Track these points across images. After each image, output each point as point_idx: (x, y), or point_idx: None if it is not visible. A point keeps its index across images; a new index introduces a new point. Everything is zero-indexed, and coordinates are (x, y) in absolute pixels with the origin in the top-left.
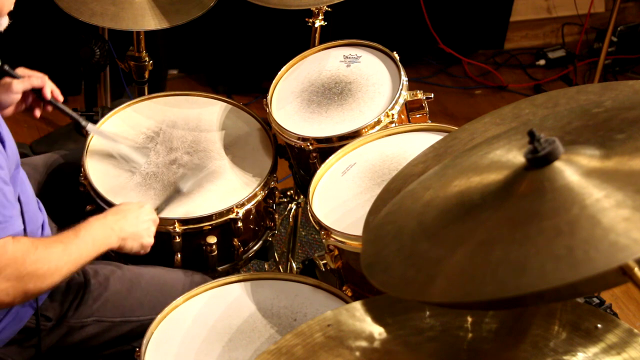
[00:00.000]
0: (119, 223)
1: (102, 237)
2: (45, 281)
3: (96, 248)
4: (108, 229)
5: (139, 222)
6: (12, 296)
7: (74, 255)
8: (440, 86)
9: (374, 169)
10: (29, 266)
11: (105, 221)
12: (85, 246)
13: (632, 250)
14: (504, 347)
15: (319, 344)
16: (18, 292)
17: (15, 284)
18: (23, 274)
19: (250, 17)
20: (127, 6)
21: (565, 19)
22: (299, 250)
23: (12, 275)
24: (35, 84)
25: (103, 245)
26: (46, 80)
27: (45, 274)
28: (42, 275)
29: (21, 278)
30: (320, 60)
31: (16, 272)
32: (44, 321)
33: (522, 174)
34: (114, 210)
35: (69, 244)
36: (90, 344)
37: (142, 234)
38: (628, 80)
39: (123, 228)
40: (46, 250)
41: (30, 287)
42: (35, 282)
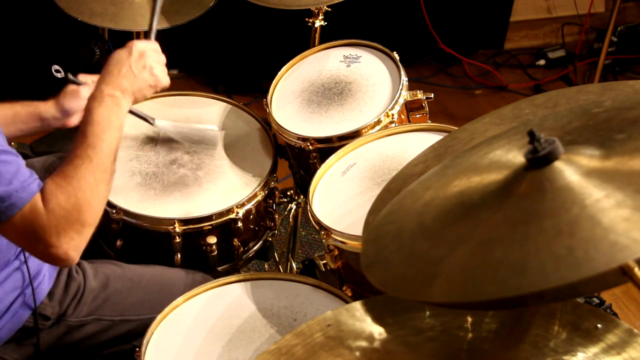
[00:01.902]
0: (116, 84)
1: (110, 114)
2: (91, 203)
3: (112, 128)
4: (109, 101)
5: (135, 70)
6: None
7: (96, 158)
8: (440, 86)
9: (374, 169)
10: (67, 206)
11: (102, 95)
12: (100, 138)
13: (632, 250)
14: (504, 347)
15: (319, 344)
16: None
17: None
18: (69, 216)
19: (250, 17)
20: (126, 6)
21: (565, 19)
22: (299, 250)
23: (62, 224)
24: None
25: (117, 119)
26: None
27: (87, 199)
28: (86, 202)
29: (70, 219)
30: (320, 60)
31: (63, 218)
32: (42, 320)
33: (522, 174)
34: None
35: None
36: (89, 342)
37: (145, 79)
38: (628, 80)
39: (123, 87)
40: (71, 179)
41: (85, 217)
42: (84, 210)
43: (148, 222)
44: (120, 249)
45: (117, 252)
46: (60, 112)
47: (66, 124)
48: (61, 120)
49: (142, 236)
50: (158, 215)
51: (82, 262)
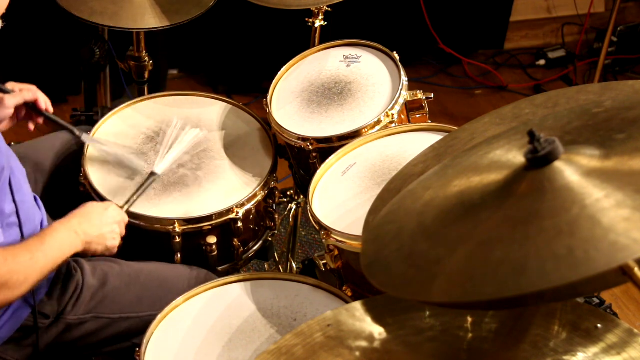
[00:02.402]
0: (83, 226)
1: (67, 242)
2: (14, 292)
3: (62, 253)
4: (72, 233)
5: (102, 225)
6: None
7: (41, 262)
8: (440, 86)
9: (374, 169)
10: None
11: (70, 225)
12: (52, 252)
13: (632, 250)
14: (504, 347)
15: (319, 344)
16: None
17: None
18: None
19: (250, 17)
20: (126, 5)
21: (565, 19)
22: (299, 250)
23: None
24: (28, 98)
25: (68, 250)
26: (38, 93)
27: (15, 285)
28: (12, 286)
29: None
30: (320, 60)
31: None
32: (41, 319)
33: (522, 174)
34: (78, 212)
35: (36, 252)
36: (89, 340)
37: (106, 237)
38: (628, 80)
39: (87, 232)
40: (15, 261)
41: (1, 298)
42: (5, 293)
43: (148, 222)
44: (120, 249)
45: (117, 251)
46: None
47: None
48: None
49: (142, 236)
50: (158, 215)
51: (80, 260)
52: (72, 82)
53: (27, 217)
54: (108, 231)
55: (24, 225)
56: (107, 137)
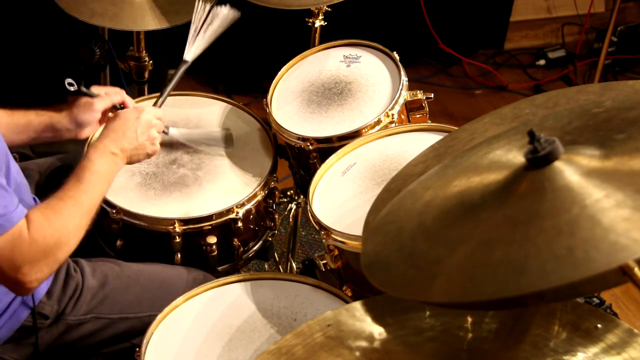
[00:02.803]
0: (119, 143)
1: (108, 168)
2: (70, 243)
3: (105, 181)
4: (110, 157)
5: (139, 135)
6: (48, 271)
7: (86, 204)
8: (440, 86)
9: (374, 169)
10: (50, 240)
11: (105, 148)
12: (94, 187)
13: (632, 250)
14: (504, 347)
15: (319, 344)
16: (51, 264)
17: (46, 261)
18: (48, 250)
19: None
20: (127, 6)
21: (565, 19)
22: (299, 250)
23: (40, 256)
24: (116, 101)
25: (112, 175)
26: (125, 95)
27: (69, 238)
28: (66, 241)
29: (48, 253)
30: (320, 60)
31: (42, 251)
32: (41, 319)
33: (522, 174)
34: (112, 128)
35: (78, 195)
36: (88, 341)
37: (145, 145)
38: (628, 80)
39: (124, 148)
40: (60, 217)
41: (60, 255)
42: (62, 248)
43: (148, 222)
44: (120, 249)
45: (117, 252)
46: (73, 124)
47: (78, 135)
48: (73, 132)
49: (142, 236)
50: (158, 215)
51: (80, 261)
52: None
53: None
54: (145, 139)
55: None
56: None
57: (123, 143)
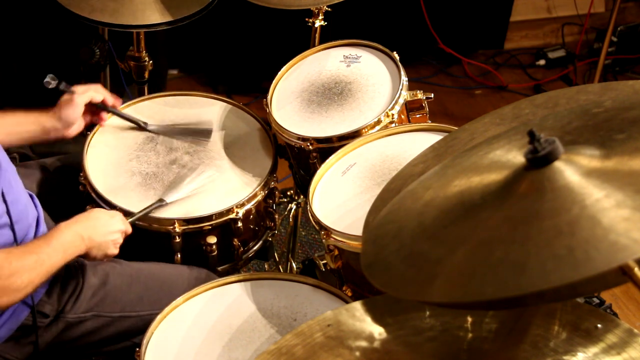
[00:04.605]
0: (88, 231)
1: (72, 246)
2: (18, 294)
3: (66, 256)
4: (78, 237)
5: (107, 233)
6: None
7: (46, 265)
8: (440, 86)
9: (374, 169)
10: (3, 281)
11: (76, 228)
12: (56, 255)
13: (632, 250)
14: (504, 347)
15: (319, 344)
16: None
17: None
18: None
19: (250, 17)
20: (126, 2)
21: (565, 19)
22: (299, 250)
23: None
24: (95, 96)
25: (72, 253)
26: (103, 91)
27: (19, 287)
28: (16, 289)
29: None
30: (320, 60)
31: None
32: (41, 318)
33: (522, 174)
34: (84, 217)
35: (41, 253)
36: (89, 339)
37: (108, 245)
38: (628, 80)
39: (91, 237)
40: (20, 263)
41: (4, 300)
42: (9, 295)
43: (148, 222)
44: (121, 249)
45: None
46: (59, 122)
47: (65, 134)
48: (60, 130)
49: (142, 236)
50: (158, 215)
51: (80, 259)
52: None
53: (19, 216)
54: (111, 240)
55: (16, 224)
56: (107, 137)
57: (92, 233)
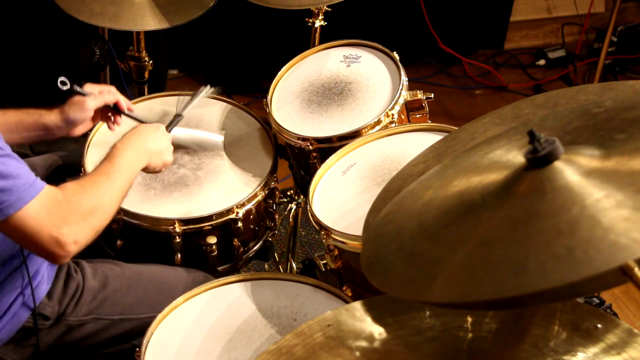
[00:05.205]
0: (144, 143)
1: (134, 159)
2: (106, 212)
3: (132, 170)
4: (136, 150)
5: (158, 141)
6: (85, 236)
7: (119, 181)
8: (440, 86)
9: (374, 169)
10: (86, 204)
11: (130, 143)
12: (125, 171)
13: (632, 250)
14: (504, 347)
15: (319, 344)
16: (89, 230)
17: (84, 225)
18: (84, 213)
19: (250, 17)
20: (126, 6)
21: (565, 19)
22: (299, 250)
23: (78, 219)
24: (108, 100)
25: (137, 166)
26: (117, 94)
27: (104, 206)
28: (102, 209)
29: (85, 218)
30: (320, 60)
31: (79, 215)
32: (42, 320)
33: (522, 174)
34: (134, 132)
35: (111, 173)
36: (89, 342)
37: (163, 152)
38: (628, 80)
39: (147, 147)
40: (94, 187)
41: (96, 223)
42: (99, 216)
43: (148, 222)
44: (121, 249)
45: (118, 252)
46: (65, 122)
47: (70, 133)
48: (65, 130)
49: (142, 236)
50: (158, 215)
51: (81, 262)
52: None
53: None
54: (164, 146)
55: None
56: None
57: (147, 144)
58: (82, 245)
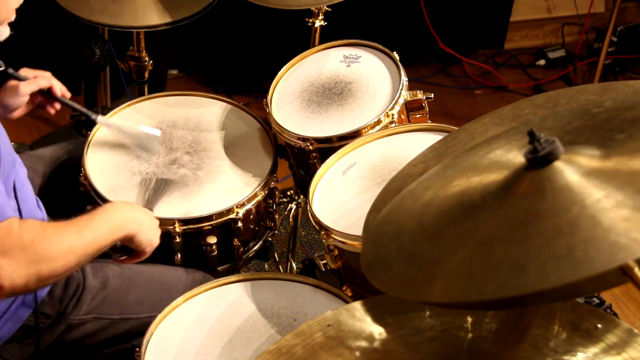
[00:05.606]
0: (135, 213)
1: (119, 223)
2: (57, 262)
3: (112, 233)
4: (125, 215)
5: (151, 219)
6: (25, 279)
7: (88, 238)
8: (440, 86)
9: (374, 169)
10: (37, 246)
11: (121, 207)
12: (101, 230)
13: (632, 250)
14: (504, 347)
15: (319, 344)
16: (31, 275)
17: (27, 267)
18: (32, 256)
19: (250, 17)
20: (126, 3)
21: (565, 19)
22: (299, 250)
23: (22, 257)
24: (42, 85)
25: (120, 231)
26: (52, 79)
27: (57, 255)
28: (54, 257)
29: (31, 260)
30: (320, 60)
31: (25, 253)
32: (42, 319)
33: (522, 174)
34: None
35: (84, 227)
36: (89, 341)
37: (154, 229)
38: (628, 80)
39: (138, 219)
40: (56, 231)
41: (44, 270)
42: (47, 263)
43: None
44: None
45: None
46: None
47: (8, 117)
48: (2, 114)
49: None
50: (158, 215)
51: None
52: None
53: (28, 216)
54: (155, 225)
55: None
56: (108, 137)
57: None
58: (18, 286)
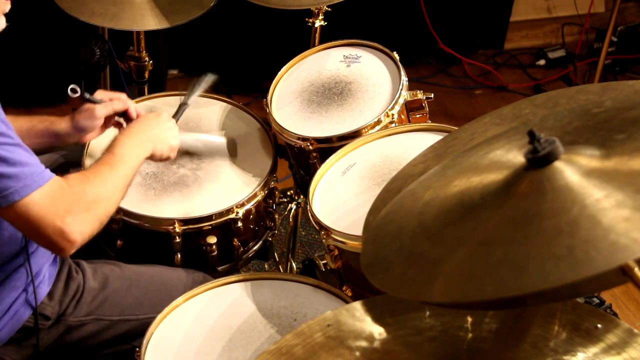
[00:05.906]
0: (146, 132)
1: (138, 148)
2: (109, 202)
3: (135, 159)
4: (138, 139)
5: (162, 128)
6: (90, 228)
7: (122, 170)
8: (440, 86)
9: (374, 169)
10: (90, 194)
11: (131, 132)
12: (128, 160)
13: (632, 250)
14: (504, 347)
15: (319, 344)
16: (94, 222)
17: (88, 216)
18: (90, 204)
19: (250, 17)
20: (127, 6)
21: (565, 19)
22: (299, 250)
23: (81, 209)
24: (118, 108)
25: (141, 155)
26: (127, 102)
27: (107, 196)
28: (106, 198)
29: (89, 208)
30: (320, 60)
31: (83, 204)
32: (42, 320)
33: (522, 174)
34: (136, 123)
35: (114, 163)
36: (89, 342)
37: (168, 137)
38: (628, 80)
39: (150, 135)
40: (98, 176)
41: (101, 213)
42: (102, 205)
43: (148, 222)
44: (120, 249)
45: (117, 252)
46: (75, 129)
47: (80, 140)
48: (75, 137)
49: (142, 236)
50: (158, 215)
51: (81, 262)
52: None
53: None
54: (168, 132)
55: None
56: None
57: (150, 132)
58: (87, 236)
